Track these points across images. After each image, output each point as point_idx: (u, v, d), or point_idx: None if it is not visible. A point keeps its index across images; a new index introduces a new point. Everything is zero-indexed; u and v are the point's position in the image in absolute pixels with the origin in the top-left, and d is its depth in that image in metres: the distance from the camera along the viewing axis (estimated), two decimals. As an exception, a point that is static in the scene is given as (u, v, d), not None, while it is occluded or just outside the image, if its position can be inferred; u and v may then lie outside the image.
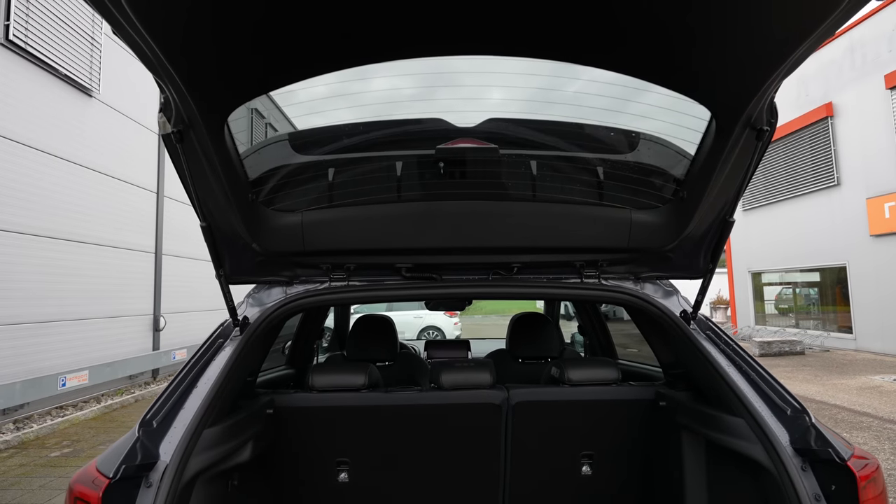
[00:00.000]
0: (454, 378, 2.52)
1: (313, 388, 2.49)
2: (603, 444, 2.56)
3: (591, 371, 2.55)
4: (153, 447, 1.66)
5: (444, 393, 2.50)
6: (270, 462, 2.54)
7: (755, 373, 1.95)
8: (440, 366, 2.58)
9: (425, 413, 2.49)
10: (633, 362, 3.58)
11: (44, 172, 8.29)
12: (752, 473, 1.81)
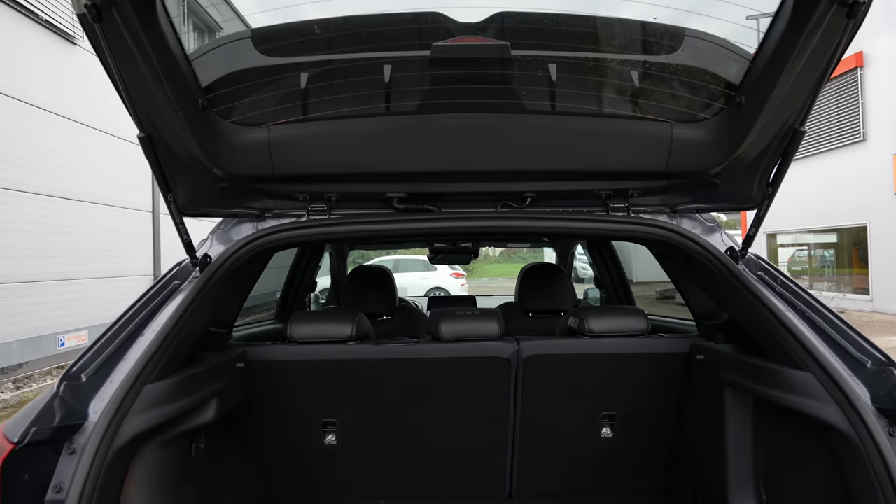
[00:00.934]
0: (456, 328, 2.19)
1: (292, 339, 2.17)
2: (627, 404, 2.23)
3: (615, 321, 2.21)
4: (80, 406, 1.35)
5: (444, 345, 2.17)
6: (245, 423, 2.24)
7: (823, 319, 1.59)
8: (439, 314, 2.24)
9: (422, 368, 2.17)
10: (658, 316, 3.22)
11: (30, 126, 7.91)
12: (820, 438, 1.48)
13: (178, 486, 1.74)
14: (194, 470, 1.87)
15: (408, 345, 2.18)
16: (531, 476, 2.34)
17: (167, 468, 1.70)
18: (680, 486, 2.21)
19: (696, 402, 2.10)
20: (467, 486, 2.35)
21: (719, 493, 1.86)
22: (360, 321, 2.21)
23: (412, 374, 2.17)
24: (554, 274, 3.61)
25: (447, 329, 2.18)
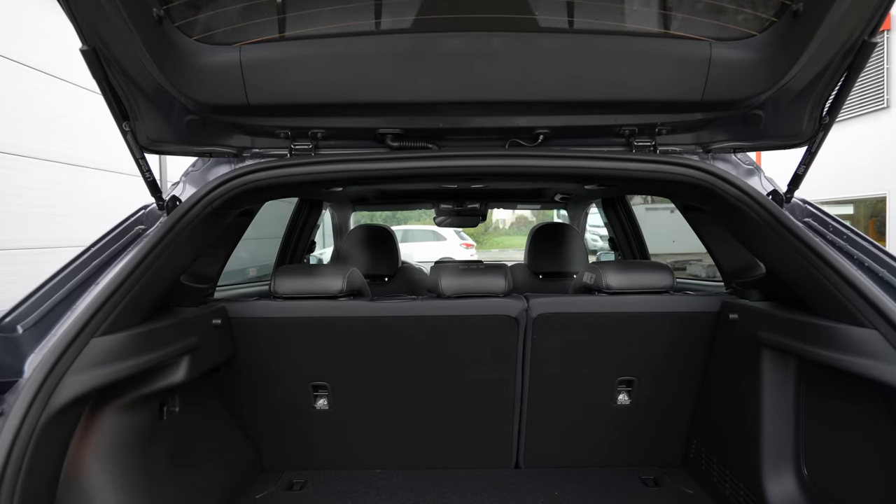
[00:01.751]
0: (459, 283, 1.97)
1: (277, 294, 1.97)
2: (647, 369, 2.02)
3: (636, 276, 1.98)
4: (14, 361, 1.15)
5: (445, 302, 1.96)
6: (229, 387, 2.06)
7: (887, 269, 1.36)
8: (441, 268, 2.03)
9: (422, 328, 1.96)
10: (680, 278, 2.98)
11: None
12: (882, 405, 1.26)
13: (147, 454, 1.56)
14: (167, 436, 1.69)
15: (405, 301, 1.97)
16: (540, 445, 2.16)
17: (133, 434, 1.53)
18: (703, 458, 2.01)
19: (727, 366, 1.89)
20: (471, 455, 2.17)
21: (751, 467, 1.66)
22: (351, 275, 2.00)
23: (410, 334, 1.97)
24: (566, 233, 3.37)
25: (449, 284, 1.96)
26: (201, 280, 2.02)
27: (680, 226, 2.09)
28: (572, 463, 2.18)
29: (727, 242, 2.10)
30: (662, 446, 2.17)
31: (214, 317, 1.84)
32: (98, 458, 1.42)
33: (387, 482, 2.08)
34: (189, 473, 1.72)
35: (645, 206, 11.21)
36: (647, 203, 10.94)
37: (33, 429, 1.05)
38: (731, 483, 1.80)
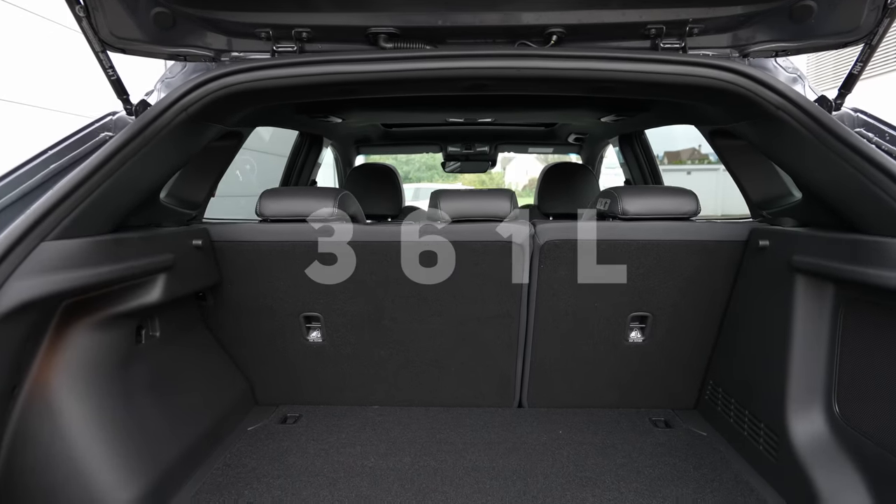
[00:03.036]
0: (459, 206, 1.81)
1: (264, 216, 1.83)
2: (663, 304, 1.87)
3: (656, 200, 1.80)
4: None
5: (445, 227, 1.81)
6: (215, 315, 1.96)
7: None
8: (441, 192, 1.86)
9: (420, 255, 1.82)
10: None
11: None
12: None
13: (123, 378, 1.47)
14: (146, 362, 1.60)
15: (402, 225, 1.82)
16: (545, 385, 2.04)
17: (106, 355, 1.43)
18: (720, 399, 1.88)
19: (754, 298, 1.72)
20: (472, 393, 2.07)
21: (774, 405, 1.52)
22: (344, 198, 1.85)
23: (408, 261, 1.83)
24: (579, 173, 3.16)
25: (449, 207, 1.80)
26: (186, 205, 1.89)
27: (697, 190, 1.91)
28: (579, 404, 2.07)
29: (758, 170, 1.91)
30: (675, 388, 2.04)
31: (195, 237, 1.71)
32: (68, 378, 1.33)
33: (383, 418, 1.99)
34: (172, 403, 1.63)
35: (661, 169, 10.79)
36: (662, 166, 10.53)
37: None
38: (751, 423, 1.67)
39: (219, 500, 1.49)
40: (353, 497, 1.50)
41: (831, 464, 1.36)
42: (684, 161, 19.65)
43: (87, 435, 1.32)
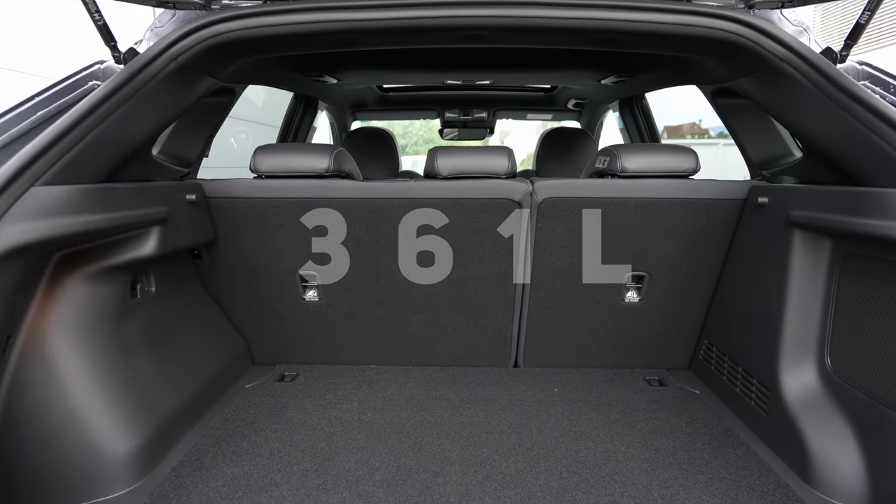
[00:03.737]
0: (456, 162, 1.79)
1: (258, 172, 1.80)
2: (660, 263, 1.87)
3: (655, 158, 1.78)
4: None
5: (442, 184, 1.79)
6: (211, 273, 1.95)
7: None
8: (438, 149, 1.84)
9: (416, 212, 1.80)
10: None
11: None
12: None
13: (118, 332, 1.47)
14: (142, 317, 1.59)
15: (398, 182, 1.80)
16: (541, 344, 2.06)
17: (101, 308, 1.42)
18: (713, 359, 1.90)
19: (751, 255, 1.72)
20: (469, 352, 2.08)
21: (767, 361, 1.54)
22: (339, 155, 1.82)
23: (404, 219, 1.81)
24: (578, 137, 3.12)
25: (446, 164, 1.78)
26: (179, 163, 1.86)
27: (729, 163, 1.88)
28: (574, 364, 2.09)
29: (759, 130, 1.89)
30: (670, 348, 2.06)
31: (188, 192, 1.69)
32: (63, 329, 1.32)
33: (380, 376, 2.01)
34: (169, 358, 1.64)
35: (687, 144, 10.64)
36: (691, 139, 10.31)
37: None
38: (743, 379, 1.69)
39: (217, 452, 1.50)
40: (351, 448, 1.52)
41: (821, 416, 1.38)
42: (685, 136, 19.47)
43: (83, 385, 1.32)
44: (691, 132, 20.82)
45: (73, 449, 1.28)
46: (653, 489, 1.34)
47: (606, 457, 1.48)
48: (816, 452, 1.34)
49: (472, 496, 1.31)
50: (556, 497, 1.30)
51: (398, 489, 1.34)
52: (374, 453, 1.50)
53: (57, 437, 1.26)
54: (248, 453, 1.50)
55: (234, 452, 1.50)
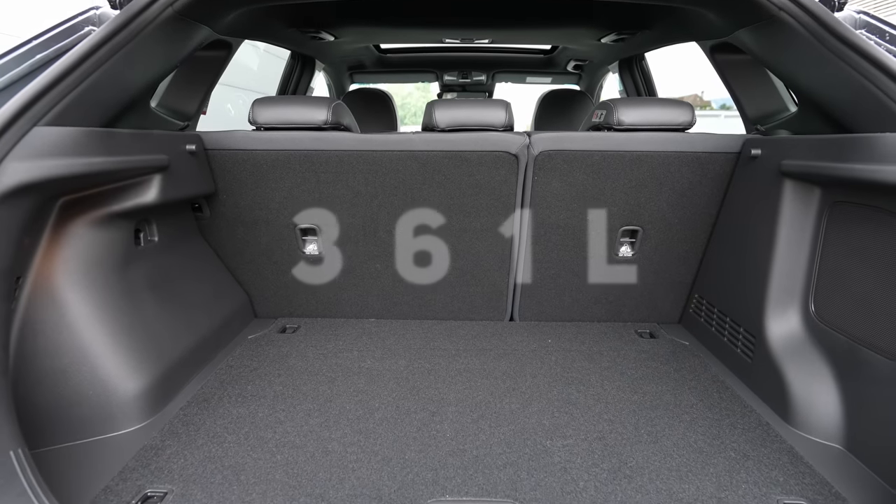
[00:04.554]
0: (454, 115, 1.80)
1: (256, 124, 1.81)
2: (654, 217, 1.90)
3: (652, 111, 1.79)
4: None
5: (440, 136, 1.80)
6: (213, 224, 1.98)
7: None
8: (436, 101, 1.84)
9: (414, 164, 1.82)
10: None
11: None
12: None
13: (124, 277, 1.51)
14: (146, 265, 1.63)
15: (395, 135, 1.81)
16: (536, 299, 2.10)
17: (106, 253, 1.46)
18: (703, 311, 1.95)
19: (743, 207, 1.75)
20: (466, 306, 2.13)
21: (754, 309, 1.58)
22: (337, 108, 1.83)
23: (402, 171, 1.83)
24: (578, 99, 3.11)
25: (444, 116, 1.79)
26: (177, 116, 1.87)
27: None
28: (568, 318, 2.14)
29: (755, 85, 1.89)
30: (662, 302, 2.11)
31: (188, 142, 1.70)
32: (70, 273, 1.36)
33: (379, 329, 2.06)
34: (173, 307, 1.68)
35: None
36: None
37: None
38: (731, 329, 1.74)
39: (223, 394, 1.56)
40: (351, 392, 1.58)
41: (802, 359, 1.44)
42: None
43: (91, 327, 1.36)
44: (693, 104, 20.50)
45: (87, 384, 1.33)
46: (639, 427, 1.40)
47: (596, 399, 1.54)
48: (796, 393, 1.40)
49: (467, 432, 1.37)
50: (548, 433, 1.37)
51: (397, 426, 1.40)
52: (373, 395, 1.56)
53: (71, 372, 1.32)
54: (252, 396, 1.56)
55: (240, 395, 1.56)
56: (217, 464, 1.24)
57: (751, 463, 1.25)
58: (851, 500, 1.12)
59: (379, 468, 1.23)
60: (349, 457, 1.27)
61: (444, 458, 1.26)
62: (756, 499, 1.12)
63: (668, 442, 1.33)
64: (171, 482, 1.18)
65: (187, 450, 1.30)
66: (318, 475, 1.20)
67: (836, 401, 1.33)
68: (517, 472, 1.21)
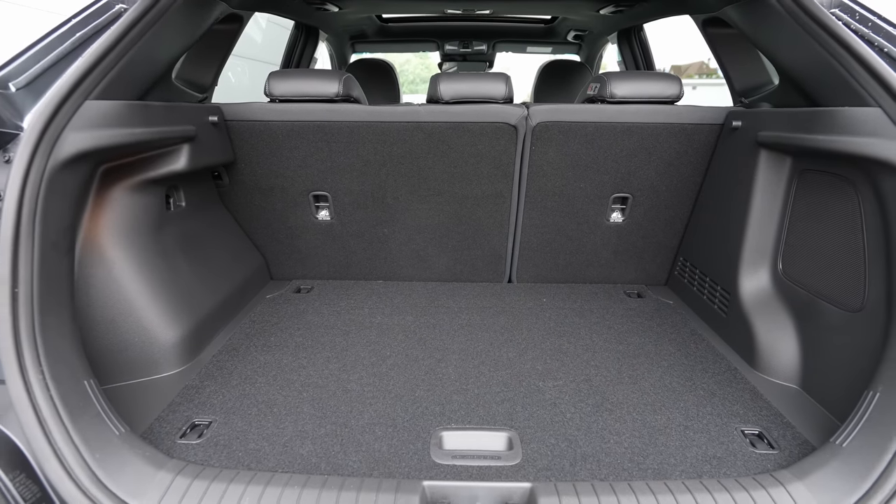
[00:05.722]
0: (457, 87, 1.92)
1: (272, 96, 1.93)
2: (644, 184, 2.04)
3: (643, 84, 1.91)
4: (13, 116, 1.16)
5: (443, 108, 1.92)
6: (232, 192, 2.12)
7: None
8: (440, 75, 1.96)
9: (420, 134, 1.95)
10: None
11: None
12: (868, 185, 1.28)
13: (158, 238, 1.66)
14: (176, 227, 1.78)
15: (402, 107, 1.94)
16: (532, 262, 2.26)
17: (142, 216, 1.60)
18: (687, 273, 2.11)
19: (723, 175, 1.89)
20: (467, 268, 2.29)
21: (731, 269, 1.74)
22: (347, 80, 1.94)
23: (408, 141, 1.96)
24: (577, 69, 3.20)
25: (448, 89, 1.91)
26: (195, 88, 1.98)
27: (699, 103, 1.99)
28: (562, 280, 2.31)
29: (743, 59, 2.00)
30: (650, 266, 2.27)
31: (210, 113, 1.83)
32: (113, 233, 1.51)
33: (387, 289, 2.23)
34: (201, 266, 1.84)
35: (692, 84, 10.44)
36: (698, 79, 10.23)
37: (41, 175, 1.10)
38: (710, 287, 1.91)
39: (249, 344, 1.73)
40: (364, 342, 1.75)
41: (769, 312, 1.61)
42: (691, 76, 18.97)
43: (135, 281, 1.52)
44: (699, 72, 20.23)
45: (133, 331, 1.50)
46: (622, 371, 1.58)
47: (585, 348, 1.72)
48: (762, 341, 1.57)
49: (469, 375, 1.55)
50: (540, 376, 1.54)
51: (407, 370, 1.57)
52: (385, 345, 1.73)
53: (119, 321, 1.48)
54: (276, 346, 1.73)
55: (264, 345, 1.73)
56: (251, 399, 1.42)
57: (716, 399, 1.43)
58: (799, 427, 1.31)
59: (393, 403, 1.41)
60: (366, 394, 1.45)
61: (449, 395, 1.44)
62: (718, 427, 1.31)
63: (645, 383, 1.51)
64: (214, 413, 1.36)
65: (224, 389, 1.47)
66: (341, 408, 1.38)
67: (795, 347, 1.51)
68: (513, 406, 1.39)
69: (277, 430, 1.29)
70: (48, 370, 1.05)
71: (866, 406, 1.08)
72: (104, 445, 1.06)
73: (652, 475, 1.14)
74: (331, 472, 1.15)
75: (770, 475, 1.04)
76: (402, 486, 1.03)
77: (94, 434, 1.07)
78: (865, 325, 1.27)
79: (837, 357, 1.36)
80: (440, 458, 1.19)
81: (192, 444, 1.25)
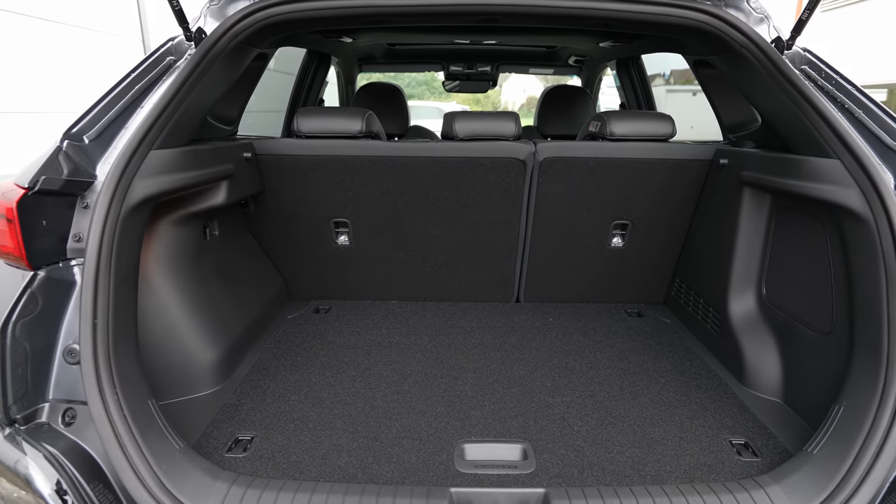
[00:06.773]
0: (471, 126, 2.09)
1: (299, 133, 2.10)
2: (641, 213, 2.21)
3: (639, 123, 2.08)
4: (88, 166, 1.32)
5: (458, 144, 2.09)
6: (257, 218, 2.28)
7: (864, 110, 1.46)
8: (455, 114, 2.13)
9: (436, 168, 2.11)
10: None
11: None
12: (832, 225, 1.45)
13: (198, 265, 1.81)
14: (212, 255, 1.93)
15: (421, 143, 2.10)
16: (539, 282, 2.42)
17: (184, 247, 1.76)
18: (683, 294, 2.28)
19: (713, 207, 2.07)
20: (478, 290, 2.45)
21: (721, 293, 1.91)
22: (369, 118, 2.11)
23: (425, 174, 2.13)
24: (577, 96, 3.38)
25: (462, 127, 2.08)
26: (224, 122, 2.14)
27: (701, 110, 2.16)
28: (567, 299, 2.47)
29: (730, 98, 2.17)
30: (648, 286, 2.44)
31: (244, 150, 1.99)
32: (160, 263, 1.66)
33: (402, 310, 2.38)
34: (234, 289, 1.99)
35: (666, 88, 10.70)
36: (667, 85, 10.47)
37: (116, 220, 1.25)
38: (703, 309, 2.07)
39: (278, 364, 1.88)
40: (385, 361, 1.91)
41: (755, 332, 1.77)
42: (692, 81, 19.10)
43: (178, 307, 1.68)
44: (698, 78, 20.27)
45: (175, 353, 1.65)
46: (623, 387, 1.74)
47: (590, 366, 1.88)
48: (749, 359, 1.73)
49: (484, 392, 1.70)
50: (550, 392, 1.70)
51: (427, 388, 1.73)
52: (404, 364, 1.89)
53: (164, 344, 1.63)
54: (302, 365, 1.88)
55: (292, 364, 1.89)
56: (287, 416, 1.57)
57: (708, 413, 1.59)
58: (780, 437, 1.47)
59: (417, 418, 1.56)
60: (391, 411, 1.60)
61: (467, 410, 1.60)
62: (709, 438, 1.47)
63: (645, 398, 1.67)
64: (255, 429, 1.51)
65: (260, 406, 1.62)
66: (370, 423, 1.53)
67: (777, 365, 1.68)
68: (526, 420, 1.55)
69: (315, 444, 1.44)
70: (121, 392, 1.20)
71: (833, 418, 1.25)
72: (168, 458, 1.21)
73: (650, 481, 1.30)
74: (367, 482, 1.30)
75: (752, 479, 1.20)
76: (432, 493, 1.18)
77: (159, 448, 1.21)
78: (834, 346, 1.44)
79: (812, 374, 1.53)
80: (463, 467, 1.35)
81: (239, 457, 1.40)
